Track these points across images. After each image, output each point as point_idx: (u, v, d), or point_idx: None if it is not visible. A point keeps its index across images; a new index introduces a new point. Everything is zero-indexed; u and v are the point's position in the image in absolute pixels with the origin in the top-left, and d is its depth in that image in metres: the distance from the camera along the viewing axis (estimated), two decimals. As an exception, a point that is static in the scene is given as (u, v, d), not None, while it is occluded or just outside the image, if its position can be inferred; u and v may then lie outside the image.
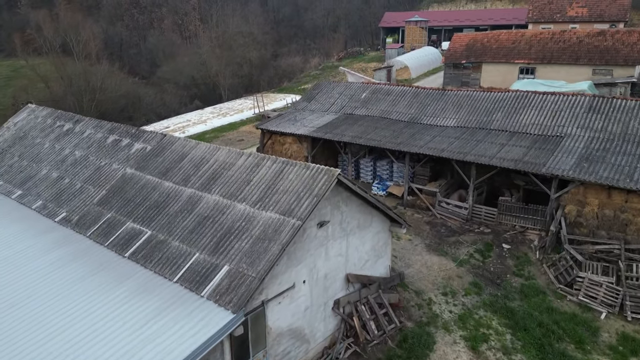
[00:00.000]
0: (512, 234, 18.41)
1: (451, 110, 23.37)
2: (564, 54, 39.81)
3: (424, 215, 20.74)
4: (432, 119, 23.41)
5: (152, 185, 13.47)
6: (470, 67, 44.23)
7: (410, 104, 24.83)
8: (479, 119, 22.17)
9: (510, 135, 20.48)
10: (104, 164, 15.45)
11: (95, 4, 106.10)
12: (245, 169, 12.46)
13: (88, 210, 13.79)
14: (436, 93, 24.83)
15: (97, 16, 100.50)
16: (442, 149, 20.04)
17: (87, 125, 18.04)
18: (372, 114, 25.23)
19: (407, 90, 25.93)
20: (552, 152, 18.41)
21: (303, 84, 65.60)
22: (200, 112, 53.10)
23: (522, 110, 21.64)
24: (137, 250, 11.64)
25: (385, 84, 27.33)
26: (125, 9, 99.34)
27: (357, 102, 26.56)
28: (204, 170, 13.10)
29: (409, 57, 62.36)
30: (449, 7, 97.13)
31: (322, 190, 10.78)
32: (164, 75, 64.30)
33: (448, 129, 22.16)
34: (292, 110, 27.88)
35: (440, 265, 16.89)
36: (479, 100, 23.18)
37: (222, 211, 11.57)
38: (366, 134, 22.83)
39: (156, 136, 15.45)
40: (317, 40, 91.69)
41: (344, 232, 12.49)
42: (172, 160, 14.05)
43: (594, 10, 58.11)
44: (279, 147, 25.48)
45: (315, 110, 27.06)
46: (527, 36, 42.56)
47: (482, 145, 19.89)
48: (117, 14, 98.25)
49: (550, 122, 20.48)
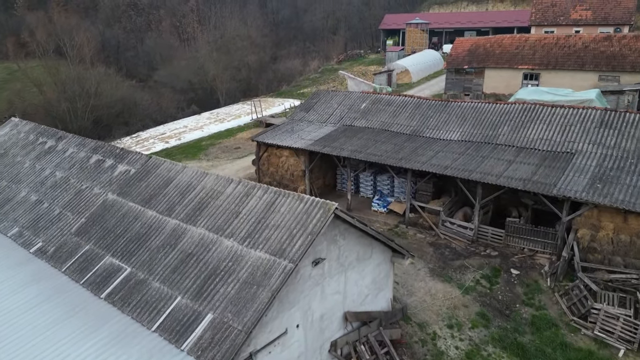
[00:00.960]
0: (521, 258, 17.37)
1: (455, 123, 22.33)
2: (569, 59, 38.77)
3: (426, 235, 19.71)
4: (435, 131, 22.37)
5: (134, 214, 12.44)
6: (472, 72, 43.17)
7: (412, 116, 23.79)
8: (484, 133, 21.14)
9: (517, 151, 19.44)
10: (85, 187, 14.43)
11: (93, 5, 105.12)
12: (234, 198, 11.43)
13: (65, 240, 12.76)
14: (439, 104, 23.79)
15: (95, 18, 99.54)
16: (446, 166, 19.01)
17: (69, 143, 17.02)
18: (372, 125, 24.19)
19: (409, 100, 24.90)
20: (562, 171, 17.38)
21: (302, 88, 64.60)
22: (197, 117, 52.13)
23: (529, 124, 20.60)
24: (115, 291, 10.61)
25: (386, 93, 26.32)
26: (123, 11, 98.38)
27: (356, 112, 25.52)
28: (189, 198, 12.08)
29: (410, 60, 61.32)
30: (450, 9, 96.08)
31: (316, 227, 9.76)
32: (161, 79, 63.33)
33: (452, 144, 21.12)
34: (289, 120, 26.85)
35: (445, 292, 15.86)
36: (484, 112, 22.14)
37: (208, 248, 10.55)
38: (366, 148, 21.79)
39: (141, 158, 14.43)
40: (317, 43, 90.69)
41: (342, 267, 11.46)
42: (156, 186, 13.02)
43: (598, 13, 57.07)
44: (275, 159, 24.45)
45: (313, 121, 26.02)
46: (531, 41, 41.52)
47: (488, 162, 18.85)
48: (115, 16, 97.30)
49: (560, 137, 19.44)
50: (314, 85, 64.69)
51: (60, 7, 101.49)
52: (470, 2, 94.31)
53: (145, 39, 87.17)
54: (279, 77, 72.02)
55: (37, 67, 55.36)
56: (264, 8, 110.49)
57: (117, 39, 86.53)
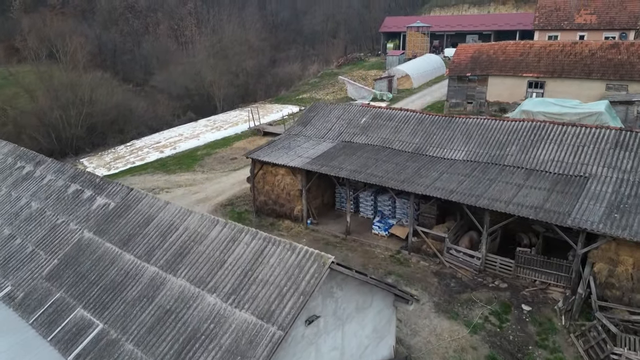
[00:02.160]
0: (532, 291, 16.22)
1: (460, 141, 21.17)
2: (575, 67, 37.60)
3: (430, 262, 18.55)
4: (438, 150, 21.22)
5: (110, 258, 11.29)
6: (475, 80, 42.02)
7: (414, 132, 22.64)
8: (490, 153, 19.98)
9: (527, 174, 18.29)
10: (60, 222, 13.28)
11: (90, 8, 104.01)
12: (219, 244, 10.28)
13: (35, 285, 11.62)
14: (442, 120, 22.64)
15: (91, 21, 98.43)
16: (452, 190, 17.86)
17: (48, 169, 15.87)
18: (373, 142, 23.03)
19: (411, 115, 23.74)
20: (576, 198, 16.22)
21: (301, 93, 63.43)
22: (194, 124, 50.96)
23: (539, 143, 19.44)
24: (84, 352, 9.47)
25: (387, 107, 25.14)
26: (120, 13, 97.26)
27: (356, 127, 24.37)
28: (171, 241, 10.93)
29: (411, 65, 60.16)
30: (451, 11, 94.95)
31: (310, 285, 8.61)
32: (158, 84, 62.18)
33: (457, 164, 19.97)
34: (286, 135, 25.70)
35: (452, 332, 14.71)
36: (491, 130, 20.98)
37: (188, 304, 9.40)
38: (366, 167, 20.64)
39: (121, 190, 13.27)
40: (316, 46, 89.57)
41: (339, 320, 10.32)
42: (136, 224, 11.88)
43: (603, 17, 55.91)
44: (271, 178, 23.29)
45: (311, 137, 24.87)
46: (535, 48, 40.35)
47: (496, 187, 17.70)
48: (112, 19, 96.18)
49: (572, 159, 18.29)
50: (313, 91, 63.56)
51: (56, 10, 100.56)
52: (471, 5, 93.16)
53: (142, 42, 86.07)
54: (277, 81, 70.91)
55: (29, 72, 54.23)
56: (263, 10, 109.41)
57: (113, 42, 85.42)
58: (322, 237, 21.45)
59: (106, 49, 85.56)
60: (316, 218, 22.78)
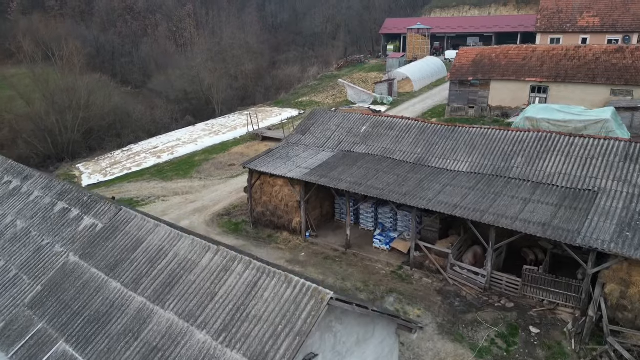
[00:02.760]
0: (540, 312, 15.57)
1: (463, 151, 20.53)
2: (579, 72, 36.96)
3: (434, 279, 17.90)
4: (441, 161, 20.57)
5: (96, 285, 10.65)
6: (477, 84, 41.38)
7: (416, 142, 22.00)
8: (495, 165, 19.33)
9: (533, 187, 17.64)
10: (46, 243, 12.64)
11: (89, 10, 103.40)
12: (210, 273, 9.64)
13: (17, 314, 10.98)
14: (445, 129, 21.99)
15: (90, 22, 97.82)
16: (455, 204, 17.21)
17: (36, 185, 15.23)
18: (373, 152, 22.39)
19: (413, 124, 23.09)
20: (586, 214, 15.58)
21: (300, 96, 62.80)
22: (192, 129, 50.32)
23: (546, 155, 18.80)
24: (65, 392, 8.83)
25: (388, 116, 24.48)
26: (119, 15, 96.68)
27: (356, 136, 23.73)
28: (160, 268, 10.29)
29: (411, 68, 59.51)
30: (451, 12, 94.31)
31: (307, 325, 7.96)
32: (156, 87, 61.54)
33: (460, 176, 19.32)
34: (285, 144, 25.05)
35: (456, 356, 14.06)
36: (495, 140, 20.34)
37: (176, 341, 8.75)
38: (366, 179, 19.99)
39: (110, 210, 12.62)
40: (316, 48, 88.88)
41: (339, 356, 9.67)
42: (124, 248, 11.23)
43: (607, 20, 55.27)
44: (269, 188, 22.65)
45: (310, 146, 24.23)
46: (538, 52, 39.71)
47: (502, 201, 17.05)
48: (110, 20, 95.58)
49: (581, 172, 17.64)
50: (312, 94, 62.93)
51: (55, 11, 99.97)
52: (472, 6, 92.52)
53: (141, 44, 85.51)
54: (277, 84, 70.27)
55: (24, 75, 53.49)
56: (262, 11, 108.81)
57: (112, 44, 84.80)
58: (321, 250, 20.80)
59: (104, 51, 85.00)
60: (315, 230, 22.14)
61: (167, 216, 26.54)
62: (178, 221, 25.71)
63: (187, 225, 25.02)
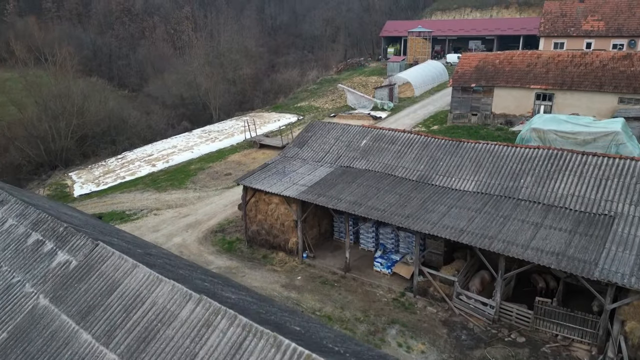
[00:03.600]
0: (554, 348, 14.48)
1: (469, 169, 19.44)
2: (585, 79, 35.88)
3: (438, 308, 16.81)
4: (445, 179, 19.48)
5: (65, 337, 9.55)
6: (480, 91, 40.30)
7: (419, 158, 20.90)
8: (503, 184, 18.25)
9: (544, 211, 16.55)
10: (16, 281, 11.54)
11: (86, 12, 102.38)
12: (190, 328, 8.54)
13: (-22, 366, 9.89)
14: (449, 145, 20.90)
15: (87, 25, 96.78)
16: (462, 228, 16.12)
17: (10, 211, 14.14)
18: (374, 167, 21.30)
19: (415, 139, 22.00)
20: (602, 242, 14.49)
21: (299, 101, 61.77)
22: (188, 135, 49.29)
23: (557, 174, 17.71)
24: None
25: (389, 129, 23.38)
26: (117, 17, 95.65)
27: (355, 151, 22.64)
28: (135, 319, 9.19)
29: (412, 73, 58.43)
30: (452, 15, 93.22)
31: (297, 402, 6.86)
32: (152, 92, 60.49)
33: (466, 196, 18.23)
34: (281, 158, 23.96)
35: (464, 399, 12.98)
36: (503, 157, 19.25)
37: (150, 412, 7.66)
38: (367, 198, 18.90)
39: (85, 245, 11.51)
40: (316, 51, 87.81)
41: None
42: (98, 292, 10.14)
43: (611, 24, 54.21)
44: (264, 206, 21.55)
45: (308, 160, 23.15)
46: (543, 58, 38.64)
47: (511, 226, 15.96)
48: (108, 23, 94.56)
49: (595, 194, 16.56)
50: (312, 98, 61.88)
51: (52, 13, 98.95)
52: (474, 8, 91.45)
53: (138, 47, 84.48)
54: (275, 88, 69.28)
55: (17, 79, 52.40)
56: (262, 13, 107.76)
57: (109, 47, 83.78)
58: (319, 273, 19.70)
59: (101, 54, 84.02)
60: (313, 251, 21.04)
61: (159, 232, 25.49)
62: (170, 238, 24.66)
63: (180, 242, 23.96)
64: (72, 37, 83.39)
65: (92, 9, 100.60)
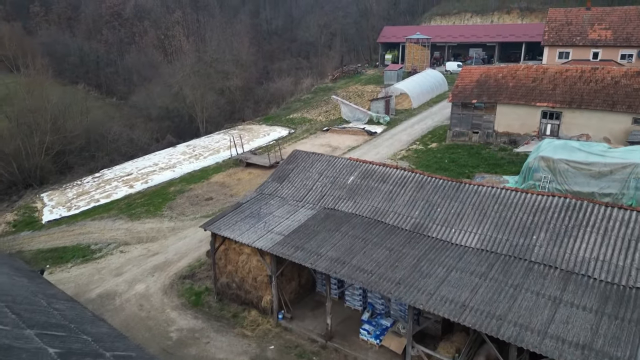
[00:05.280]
0: None
1: (471, 218, 16.62)
2: (596, 97, 33.09)
3: (434, 396, 13.99)
4: (444, 229, 16.66)
5: None
6: (482, 107, 37.52)
7: (413, 201, 18.07)
8: (512, 240, 15.42)
9: (563, 280, 13.72)
10: None
11: (75, 16, 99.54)
12: None
13: None
14: (448, 186, 18.06)
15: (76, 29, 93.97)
16: (463, 302, 13.29)
17: None
18: (362, 211, 18.47)
19: (409, 177, 19.17)
20: (638, 331, 11.66)
21: (292, 112, 59.00)
22: (172, 151, 46.45)
23: (576, 231, 14.89)
24: None
25: (380, 164, 20.56)
26: (106, 21, 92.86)
27: (341, 189, 19.81)
28: None
29: (410, 83, 55.63)
30: (452, 20, 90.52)
31: None
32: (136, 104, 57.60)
33: (468, 254, 15.40)
34: (258, 195, 21.11)
35: None
36: (511, 206, 16.42)
37: None
38: (351, 253, 16.07)
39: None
40: (311, 58, 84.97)
41: None
42: None
43: (620, 33, 51.45)
44: (235, 256, 18.72)
45: (287, 199, 20.32)
46: (550, 73, 35.86)
47: (523, 300, 13.13)
48: (97, 27, 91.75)
49: (623, 260, 13.73)
50: (305, 109, 59.11)
51: (40, 17, 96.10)
52: (474, 14, 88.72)
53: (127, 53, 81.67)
54: (268, 98, 66.46)
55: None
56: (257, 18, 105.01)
57: (96, 53, 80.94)
58: (295, 341, 16.84)
59: (89, 60, 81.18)
60: (290, 309, 18.18)
61: (121, 277, 22.67)
62: (132, 285, 21.83)
63: (142, 292, 21.13)
64: (58, 42, 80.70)
65: (81, 13, 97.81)
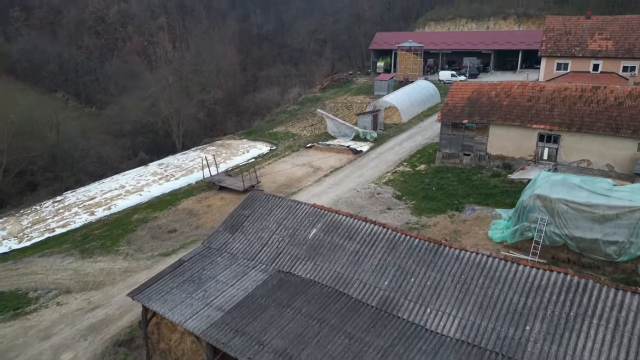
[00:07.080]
0: None
1: (450, 294, 13.50)
2: (598, 119, 30.00)
3: None
4: (417, 308, 13.53)
5: None
6: (474, 128, 34.42)
7: (383, 267, 14.95)
8: (499, 331, 12.29)
9: (563, 396, 10.62)
10: None
11: (57, 21, 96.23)
12: None
13: None
14: (424, 249, 14.93)
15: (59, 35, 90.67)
16: None
17: None
18: (321, 278, 15.34)
19: (379, 233, 16.04)
20: None
21: (276, 125, 55.88)
22: (142, 171, 43.22)
23: (579, 322, 11.78)
24: None
25: (347, 215, 17.45)
26: (89, 26, 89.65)
27: (301, 246, 16.68)
28: None
29: (399, 96, 52.48)
30: (447, 26, 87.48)
31: None
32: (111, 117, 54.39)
33: (445, 347, 12.27)
34: (204, 252, 17.94)
35: None
36: (499, 281, 13.30)
37: None
38: (301, 343, 12.94)
39: None
40: (300, 66, 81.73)
41: None
42: None
43: (621, 43, 48.43)
44: (168, 333, 15.58)
45: (238, 255, 17.17)
46: (547, 92, 32.79)
47: None
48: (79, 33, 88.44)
49: (642, 370, 10.64)
50: (289, 122, 55.99)
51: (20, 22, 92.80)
52: (469, 19, 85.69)
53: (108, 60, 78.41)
54: (252, 108, 63.29)
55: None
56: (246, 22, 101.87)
57: (76, 60, 77.63)
58: None
59: (68, 68, 77.85)
60: (233, 399, 15.03)
61: (48, 341, 19.44)
62: (57, 355, 18.60)
63: (69, 362, 17.94)
64: (37, 49, 77.48)
65: (63, 18, 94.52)
